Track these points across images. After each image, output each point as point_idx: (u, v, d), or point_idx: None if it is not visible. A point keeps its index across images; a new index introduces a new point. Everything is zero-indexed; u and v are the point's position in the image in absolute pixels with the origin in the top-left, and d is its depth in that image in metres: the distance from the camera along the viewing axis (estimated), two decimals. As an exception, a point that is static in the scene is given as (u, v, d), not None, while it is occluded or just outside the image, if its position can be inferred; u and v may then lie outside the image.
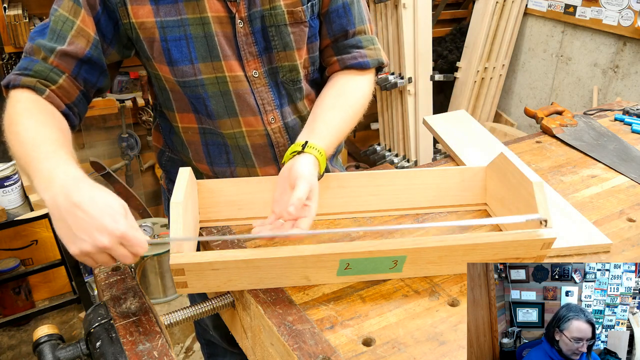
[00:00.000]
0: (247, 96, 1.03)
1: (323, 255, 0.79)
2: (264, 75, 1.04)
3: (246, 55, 1.01)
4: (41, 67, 0.93)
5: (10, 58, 2.43)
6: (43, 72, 0.92)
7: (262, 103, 1.05)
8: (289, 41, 1.02)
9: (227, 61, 0.99)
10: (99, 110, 2.63)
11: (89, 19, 0.95)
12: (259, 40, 1.01)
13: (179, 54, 0.97)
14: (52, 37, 0.94)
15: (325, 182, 1.01)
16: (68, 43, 0.93)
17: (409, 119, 2.98)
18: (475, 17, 3.15)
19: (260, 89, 1.04)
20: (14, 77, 0.93)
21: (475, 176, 1.06)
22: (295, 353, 0.72)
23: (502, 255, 0.85)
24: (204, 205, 0.99)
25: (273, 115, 1.07)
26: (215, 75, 0.99)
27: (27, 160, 0.80)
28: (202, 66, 0.98)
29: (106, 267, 0.88)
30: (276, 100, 1.06)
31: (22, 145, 0.82)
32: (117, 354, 0.72)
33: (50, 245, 2.53)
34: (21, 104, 0.90)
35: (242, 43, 1.00)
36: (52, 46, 0.93)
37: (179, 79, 1.00)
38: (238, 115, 1.04)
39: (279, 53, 1.03)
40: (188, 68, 0.98)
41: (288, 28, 1.01)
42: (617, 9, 2.75)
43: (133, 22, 0.95)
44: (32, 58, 0.94)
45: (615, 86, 2.89)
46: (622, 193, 1.15)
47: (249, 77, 1.02)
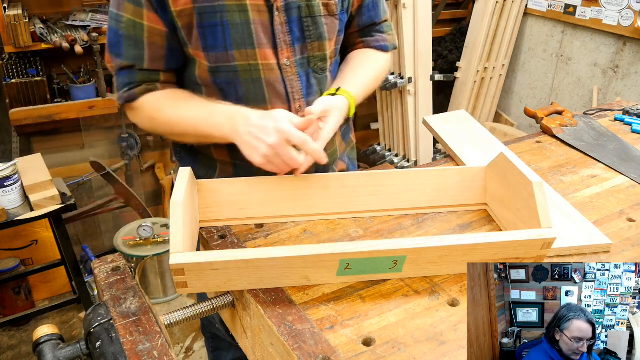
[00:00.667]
0: (278, 84, 1.07)
1: (323, 255, 0.79)
2: (294, 64, 1.08)
3: (281, 44, 1.05)
4: (141, 76, 1.05)
5: (10, 58, 2.43)
6: (145, 78, 1.05)
7: (291, 91, 1.09)
8: (322, 32, 1.08)
9: (261, 49, 1.03)
10: (99, 110, 2.63)
11: (153, 15, 1.00)
12: (294, 30, 1.05)
13: (214, 41, 1.01)
14: (131, 44, 1.02)
15: (325, 182, 1.01)
16: (147, 46, 1.02)
17: (409, 119, 2.98)
18: (475, 17, 3.15)
19: (291, 78, 1.08)
20: (127, 94, 1.06)
21: (475, 176, 1.06)
22: (295, 353, 0.72)
23: (502, 255, 0.85)
24: (204, 205, 0.99)
25: (300, 104, 1.11)
26: (249, 62, 1.04)
27: (195, 124, 1.01)
28: (236, 53, 1.02)
29: (106, 267, 0.88)
30: (304, 90, 1.11)
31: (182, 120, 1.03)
32: (117, 354, 0.72)
33: (50, 245, 2.53)
34: (151, 104, 1.06)
35: (278, 32, 1.04)
36: (138, 54, 1.03)
37: (212, 65, 1.04)
38: (267, 103, 1.08)
39: (312, 43, 1.08)
40: (222, 54, 1.02)
41: (322, 19, 1.07)
42: (617, 9, 2.75)
43: (172, 10, 0.99)
44: (128, 71, 1.05)
45: (615, 86, 2.89)
46: (622, 193, 1.15)
47: (281, 65, 1.06)
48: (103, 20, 2.54)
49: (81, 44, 2.40)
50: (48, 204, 1.93)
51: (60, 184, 2.06)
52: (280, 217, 1.02)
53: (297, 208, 1.02)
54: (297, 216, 1.03)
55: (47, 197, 1.92)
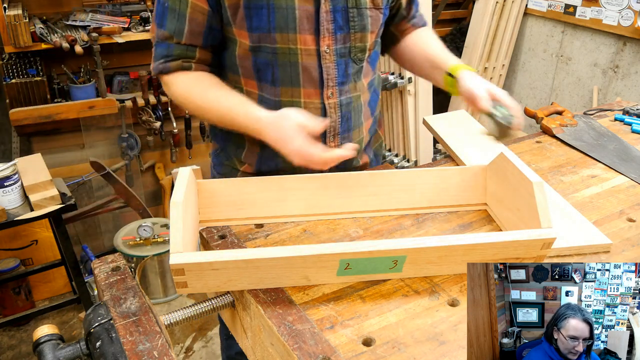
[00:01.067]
0: (313, 70, 1.11)
1: (323, 255, 0.79)
2: (334, 52, 1.11)
3: (323, 32, 1.08)
4: (179, 50, 1.11)
5: (10, 58, 2.43)
6: (182, 53, 1.11)
7: (326, 78, 1.13)
8: (366, 24, 1.12)
9: (302, 34, 1.07)
10: (99, 110, 2.63)
11: None
12: (337, 19, 1.09)
13: (259, 22, 1.05)
14: (174, 18, 1.08)
15: (325, 182, 1.01)
16: (188, 21, 1.08)
17: (409, 119, 2.98)
18: (475, 17, 3.15)
19: (328, 65, 1.12)
20: (162, 66, 1.12)
21: (475, 176, 1.06)
22: (295, 353, 0.72)
23: (502, 255, 0.85)
24: (204, 205, 0.99)
25: (332, 91, 1.14)
26: (288, 46, 1.08)
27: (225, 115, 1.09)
28: (278, 36, 1.06)
29: (106, 267, 0.88)
30: (339, 78, 1.14)
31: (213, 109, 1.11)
32: (117, 354, 0.72)
33: (50, 245, 2.53)
34: (183, 85, 1.13)
35: (322, 20, 1.07)
36: (179, 28, 1.09)
37: (254, 44, 1.08)
38: (300, 86, 1.12)
39: (355, 34, 1.12)
40: (265, 36, 1.06)
41: (367, 11, 1.11)
42: (617, 9, 2.75)
43: None
44: (167, 43, 1.11)
45: (615, 86, 2.89)
46: (622, 193, 1.15)
47: (320, 51, 1.10)
48: (103, 20, 2.54)
49: (81, 44, 2.40)
50: (48, 204, 1.93)
51: (60, 184, 2.06)
52: (280, 217, 1.02)
53: (297, 208, 1.02)
54: (297, 216, 1.03)
55: (47, 197, 1.92)
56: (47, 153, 2.63)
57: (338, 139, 1.19)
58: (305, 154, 0.99)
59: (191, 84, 1.13)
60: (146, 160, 3.01)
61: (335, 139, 1.19)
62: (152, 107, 2.79)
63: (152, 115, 2.80)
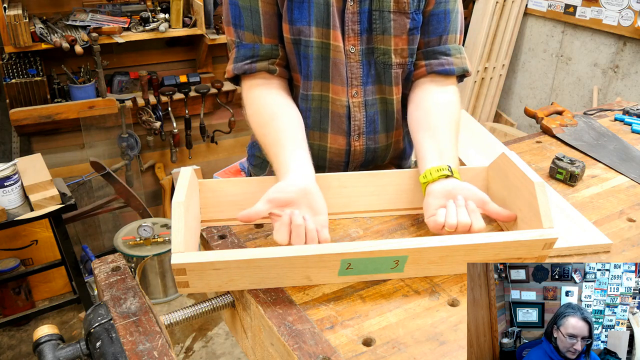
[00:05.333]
0: (341, 66, 1.12)
1: (324, 255, 0.79)
2: (359, 52, 1.12)
3: (348, 31, 1.10)
4: (264, 50, 1.10)
5: (10, 58, 2.43)
6: (268, 53, 1.11)
7: (350, 76, 1.13)
8: (388, 27, 1.10)
9: (334, 30, 1.08)
10: (99, 110, 2.63)
11: None
12: (363, 20, 1.10)
13: (299, 15, 1.08)
14: (248, 15, 1.09)
15: (325, 182, 1.01)
16: (262, 15, 1.09)
17: (409, 119, 2.97)
18: (475, 17, 3.15)
19: (353, 64, 1.13)
20: (248, 66, 1.10)
21: (476, 176, 1.06)
22: (295, 353, 0.72)
23: (503, 255, 0.85)
24: (206, 205, 0.99)
25: (356, 90, 1.15)
26: (322, 40, 1.09)
27: (273, 154, 1.02)
28: (315, 30, 1.08)
29: (106, 267, 0.88)
30: (363, 78, 1.14)
31: (269, 145, 1.04)
32: (117, 354, 0.72)
33: (50, 245, 2.54)
34: (259, 105, 1.09)
35: (348, 20, 1.09)
36: (256, 24, 1.09)
37: (294, 37, 1.10)
38: (330, 81, 1.13)
39: (377, 36, 1.11)
40: (305, 28, 1.08)
41: (390, 15, 1.10)
42: (617, 9, 2.75)
43: None
44: (253, 44, 1.10)
45: (615, 86, 2.89)
46: (622, 193, 1.15)
47: (346, 50, 1.11)
48: (103, 20, 2.54)
49: (81, 44, 2.40)
50: (48, 204, 1.93)
51: (60, 184, 2.06)
52: (281, 217, 1.02)
53: (298, 208, 1.02)
54: (298, 216, 1.02)
55: (47, 197, 1.92)
56: (47, 153, 2.63)
57: (363, 138, 1.18)
58: (301, 232, 0.87)
59: (259, 109, 1.09)
60: (146, 160, 3.01)
61: (360, 138, 1.18)
62: (152, 107, 2.80)
63: (152, 115, 2.80)
